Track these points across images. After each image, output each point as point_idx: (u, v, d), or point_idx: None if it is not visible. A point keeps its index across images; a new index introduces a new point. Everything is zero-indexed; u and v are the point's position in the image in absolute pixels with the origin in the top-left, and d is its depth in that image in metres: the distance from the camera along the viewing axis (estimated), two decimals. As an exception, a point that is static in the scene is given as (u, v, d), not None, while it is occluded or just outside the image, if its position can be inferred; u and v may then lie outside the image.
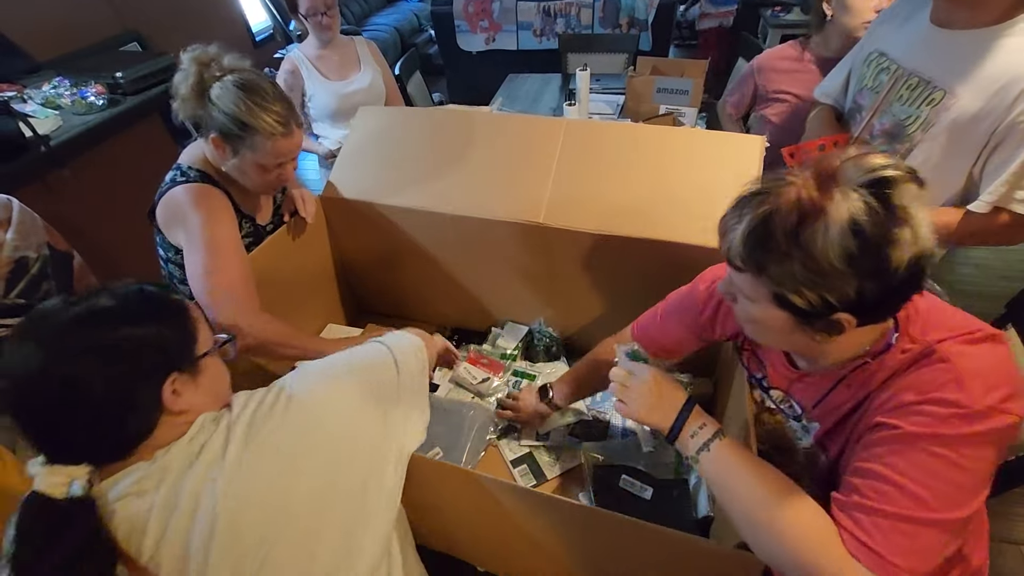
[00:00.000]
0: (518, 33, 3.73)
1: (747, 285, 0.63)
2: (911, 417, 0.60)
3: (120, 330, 0.62)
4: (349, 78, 2.08)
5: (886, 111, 1.17)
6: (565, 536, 0.86)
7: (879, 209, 0.54)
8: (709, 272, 0.92)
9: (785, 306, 0.60)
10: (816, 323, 0.61)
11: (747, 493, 0.66)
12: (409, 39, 5.02)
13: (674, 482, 1.06)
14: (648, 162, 1.18)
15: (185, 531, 0.60)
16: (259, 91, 1.02)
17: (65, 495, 0.57)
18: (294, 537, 0.64)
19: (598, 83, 2.55)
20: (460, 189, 1.24)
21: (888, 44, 1.19)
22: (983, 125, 1.01)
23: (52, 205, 1.30)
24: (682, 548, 0.72)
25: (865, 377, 0.68)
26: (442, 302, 1.46)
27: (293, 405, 0.69)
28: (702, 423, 0.73)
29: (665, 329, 0.97)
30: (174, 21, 3.11)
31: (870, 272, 0.55)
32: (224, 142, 1.03)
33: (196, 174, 1.09)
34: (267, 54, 3.84)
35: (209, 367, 0.70)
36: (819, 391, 0.74)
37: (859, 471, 0.62)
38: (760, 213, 0.59)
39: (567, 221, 1.15)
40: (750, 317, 0.67)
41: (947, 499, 0.57)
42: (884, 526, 0.57)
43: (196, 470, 0.62)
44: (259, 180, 1.09)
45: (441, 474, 0.85)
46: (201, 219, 1.03)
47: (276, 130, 1.02)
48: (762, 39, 3.77)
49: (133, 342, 0.62)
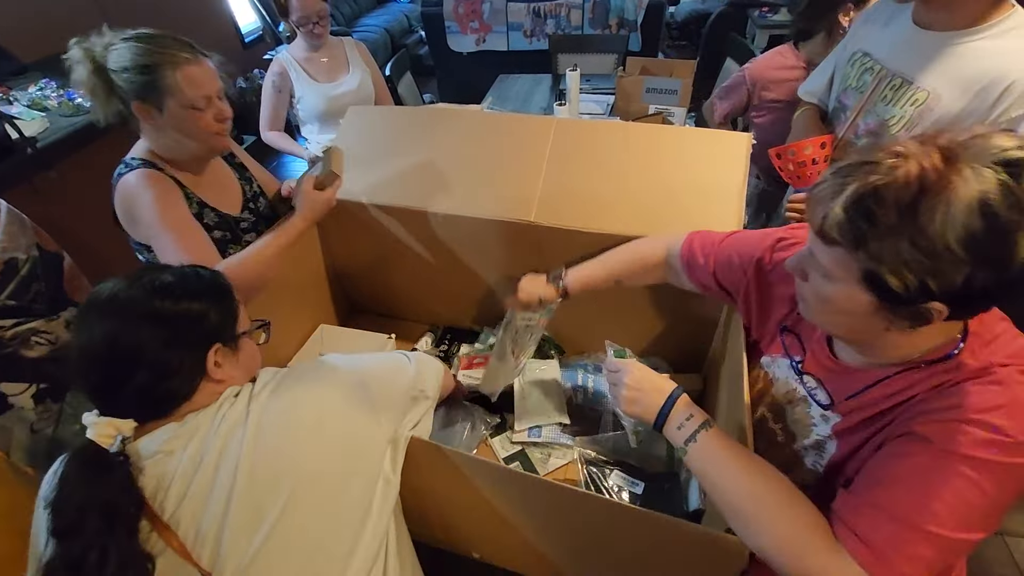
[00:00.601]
0: (508, 34, 3.74)
1: (833, 261, 0.59)
2: (948, 433, 0.57)
3: (180, 303, 0.70)
4: (338, 80, 2.08)
5: (870, 111, 1.19)
6: (555, 520, 0.86)
7: (1016, 191, 0.48)
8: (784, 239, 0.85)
9: (874, 287, 0.56)
10: (902, 310, 0.56)
11: (734, 484, 0.66)
12: (399, 40, 5.01)
13: (665, 475, 1.08)
14: (638, 160, 1.19)
15: (206, 492, 0.64)
16: (151, 35, 1.02)
17: (111, 446, 0.63)
18: (314, 490, 0.68)
19: (588, 83, 2.57)
20: (451, 188, 1.25)
21: (872, 44, 1.21)
22: (965, 125, 1.03)
23: (40, 207, 1.29)
24: (669, 532, 0.72)
25: (911, 381, 0.63)
26: (434, 301, 1.47)
27: (311, 375, 0.77)
28: (689, 414, 0.73)
29: (715, 261, 0.92)
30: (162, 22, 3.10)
31: (988, 260, 0.50)
32: (145, 103, 1.02)
33: (138, 162, 1.08)
34: (256, 55, 3.83)
35: (246, 346, 0.79)
36: (856, 385, 0.69)
37: (875, 473, 0.61)
38: (871, 182, 0.53)
39: (558, 219, 1.15)
40: (821, 296, 0.63)
41: (960, 519, 0.55)
42: (885, 525, 0.57)
43: (220, 431, 0.67)
44: (200, 127, 1.06)
45: (434, 457, 0.85)
46: (152, 197, 1.03)
47: (179, 57, 1.01)
48: (750, 39, 3.80)
49: (187, 315, 0.70)
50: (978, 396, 0.57)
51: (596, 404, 1.27)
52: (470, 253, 1.30)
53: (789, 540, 0.60)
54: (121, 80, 1.01)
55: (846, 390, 0.71)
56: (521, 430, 1.22)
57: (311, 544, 0.67)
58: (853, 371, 0.70)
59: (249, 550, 0.63)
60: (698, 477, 0.71)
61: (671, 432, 0.74)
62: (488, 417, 1.24)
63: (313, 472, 0.68)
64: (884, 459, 0.61)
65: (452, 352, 1.43)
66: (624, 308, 1.26)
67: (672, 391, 0.76)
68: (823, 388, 0.75)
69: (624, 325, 1.31)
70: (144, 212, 1.03)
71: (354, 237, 1.37)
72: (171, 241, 1.01)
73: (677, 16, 5.03)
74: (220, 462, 0.65)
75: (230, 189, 1.26)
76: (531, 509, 0.86)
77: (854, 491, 0.62)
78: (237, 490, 0.64)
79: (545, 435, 1.21)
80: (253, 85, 3.53)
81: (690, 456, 0.71)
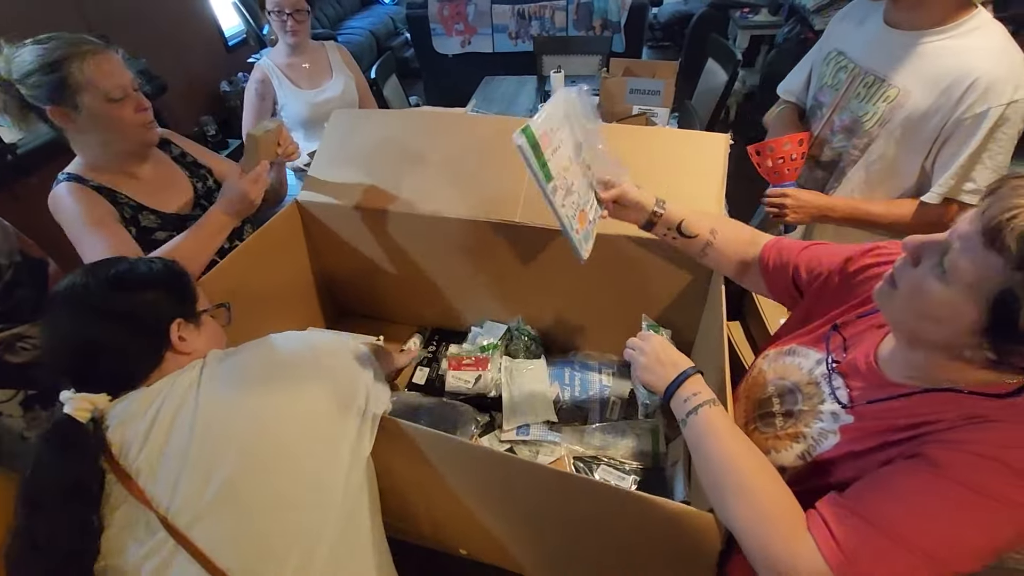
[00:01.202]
0: (493, 36, 3.76)
1: (976, 263, 0.52)
2: (964, 464, 0.54)
3: (134, 294, 0.77)
4: (321, 86, 2.06)
5: (845, 108, 1.22)
6: (539, 504, 0.87)
7: None
8: (861, 256, 0.79)
9: (998, 310, 0.51)
10: (1001, 346, 0.53)
11: (721, 458, 0.67)
12: (385, 42, 5.01)
13: (651, 470, 1.10)
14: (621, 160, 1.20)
15: (162, 444, 0.68)
16: (51, 35, 1.00)
17: (87, 420, 0.69)
18: (267, 451, 0.71)
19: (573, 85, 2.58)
20: (436, 190, 1.25)
21: (846, 43, 1.24)
22: (933, 121, 1.07)
23: (22, 215, 1.28)
24: (649, 510, 0.73)
25: (942, 405, 0.59)
26: (420, 303, 1.47)
27: (265, 344, 0.81)
28: (697, 391, 0.74)
29: (804, 259, 0.87)
30: (145, 25, 3.07)
31: None
32: (60, 106, 1.00)
33: (65, 176, 1.09)
34: (240, 58, 3.80)
35: (208, 323, 0.85)
36: (881, 394, 0.66)
37: (870, 483, 0.60)
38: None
39: (543, 219, 1.16)
40: (922, 289, 0.57)
41: (951, 546, 0.53)
42: (864, 531, 0.55)
43: (177, 391, 0.72)
44: (123, 121, 1.05)
45: (405, 438, 0.86)
46: (74, 210, 1.05)
47: (83, 50, 0.99)
48: (731, 40, 3.85)
49: (142, 303, 0.77)
50: (1010, 435, 0.54)
51: (583, 402, 1.28)
52: (457, 254, 1.31)
53: (762, 521, 0.61)
54: (29, 88, 0.98)
55: (870, 395, 0.68)
56: (509, 429, 1.23)
57: (265, 504, 0.70)
58: (887, 383, 0.67)
59: (200, 503, 0.66)
60: (691, 449, 0.72)
61: (677, 404, 0.76)
62: (477, 416, 1.25)
63: (265, 433, 0.71)
64: (885, 474, 0.60)
65: (440, 354, 1.44)
66: (610, 310, 1.28)
67: (687, 368, 0.78)
68: (846, 388, 0.72)
69: (610, 326, 1.32)
70: (68, 225, 1.05)
71: (340, 240, 1.38)
72: (91, 246, 1.03)
73: (660, 17, 5.08)
74: (176, 418, 0.69)
75: (177, 188, 1.24)
76: (514, 495, 0.87)
77: (845, 495, 0.61)
78: (193, 445, 0.68)
79: (533, 433, 1.22)
80: (236, 88, 3.51)
81: (688, 427, 0.72)
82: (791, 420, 0.77)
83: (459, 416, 1.23)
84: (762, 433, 0.81)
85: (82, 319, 0.73)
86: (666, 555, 0.81)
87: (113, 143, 1.08)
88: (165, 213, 1.18)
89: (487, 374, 1.31)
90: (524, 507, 0.90)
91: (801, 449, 0.73)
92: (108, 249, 1.01)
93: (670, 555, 0.81)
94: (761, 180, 1.33)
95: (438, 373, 1.37)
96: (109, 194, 1.10)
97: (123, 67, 1.06)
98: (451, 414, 1.24)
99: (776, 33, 3.69)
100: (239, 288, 1.07)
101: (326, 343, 0.87)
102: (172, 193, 1.22)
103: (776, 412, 0.81)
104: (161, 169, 1.23)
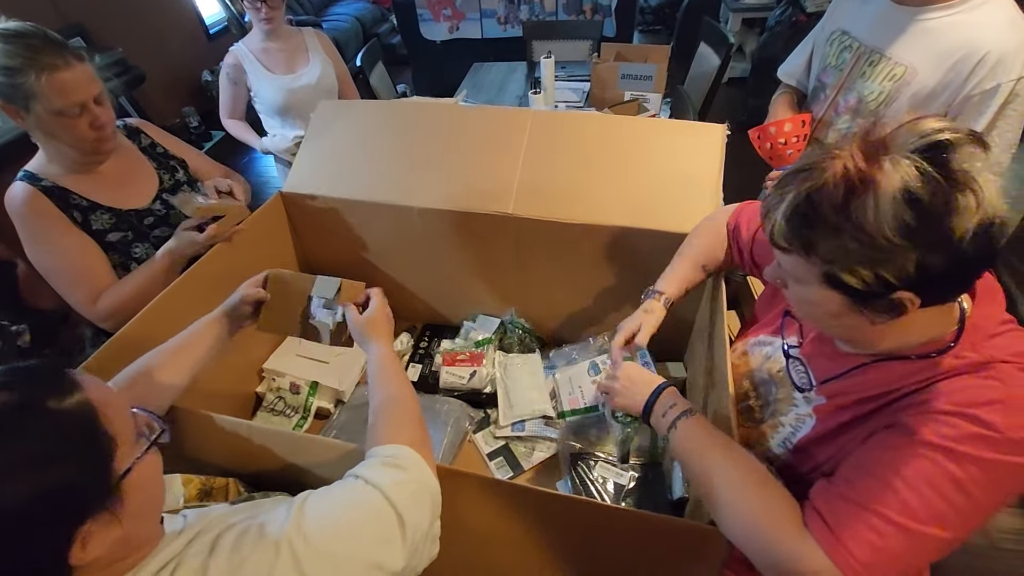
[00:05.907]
0: (482, 21, 3.68)
1: (796, 267, 0.60)
2: (933, 426, 0.56)
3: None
4: (296, 72, 1.99)
5: (850, 88, 1.19)
6: (542, 529, 0.84)
7: (936, 175, 0.49)
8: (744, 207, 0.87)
9: (838, 286, 0.56)
10: (873, 303, 0.56)
11: (710, 469, 0.66)
12: (371, 29, 4.91)
13: (648, 465, 1.07)
14: (615, 151, 1.17)
15: None
16: (19, 33, 0.93)
17: None
18: None
19: (563, 70, 2.53)
20: (427, 182, 1.21)
21: (850, 23, 1.21)
22: (941, 98, 1.04)
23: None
24: (652, 526, 0.71)
25: (897, 373, 0.62)
26: (412, 297, 1.44)
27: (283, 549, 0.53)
28: (672, 403, 0.75)
29: (755, 238, 0.90)
30: (120, 13, 2.97)
31: (931, 244, 0.50)
32: (9, 103, 0.96)
33: (23, 174, 1.05)
34: (222, 47, 3.69)
35: (136, 486, 0.50)
36: (837, 370, 0.69)
37: (854, 463, 0.61)
38: (804, 189, 0.55)
39: (537, 211, 1.14)
40: (804, 300, 0.63)
41: (936, 515, 0.54)
42: (855, 515, 0.56)
43: None
44: (73, 135, 1.00)
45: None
46: (27, 230, 1.04)
47: (44, 63, 0.92)
48: (723, 23, 3.80)
49: (18, 517, 0.42)
50: (973, 390, 0.56)
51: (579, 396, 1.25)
52: (448, 247, 1.27)
53: (758, 529, 0.60)
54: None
55: (831, 372, 0.70)
56: (505, 425, 1.20)
57: None
58: (840, 356, 0.70)
59: None
60: (680, 463, 0.73)
61: (657, 421, 0.77)
62: (472, 412, 1.22)
63: None
64: (865, 451, 0.61)
65: (433, 349, 1.40)
66: (607, 300, 1.25)
67: (659, 384, 0.80)
68: (808, 371, 0.74)
69: (605, 318, 1.30)
70: (19, 232, 1.05)
71: (328, 234, 1.33)
72: (36, 263, 1.04)
73: (651, 0, 5.01)
74: None
75: (139, 181, 1.19)
76: (510, 518, 0.82)
77: (834, 481, 0.61)
78: None
79: (529, 429, 1.19)
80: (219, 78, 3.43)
81: (672, 443, 0.73)
82: (769, 410, 0.79)
83: (452, 412, 1.20)
84: (743, 426, 0.82)
85: None
86: (668, 568, 0.80)
87: (63, 148, 1.04)
88: (121, 211, 1.13)
89: (482, 370, 1.27)
90: (521, 530, 0.84)
91: (782, 437, 0.75)
92: (66, 287, 1.05)
93: (671, 568, 0.79)
94: (762, 165, 1.30)
95: (431, 369, 1.34)
96: (62, 193, 1.06)
97: (90, 80, 0.99)
98: (443, 411, 1.20)
99: (768, 16, 3.64)
100: (222, 281, 1.02)
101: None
102: (133, 188, 1.17)
103: (754, 405, 0.83)
104: (124, 162, 1.17)
